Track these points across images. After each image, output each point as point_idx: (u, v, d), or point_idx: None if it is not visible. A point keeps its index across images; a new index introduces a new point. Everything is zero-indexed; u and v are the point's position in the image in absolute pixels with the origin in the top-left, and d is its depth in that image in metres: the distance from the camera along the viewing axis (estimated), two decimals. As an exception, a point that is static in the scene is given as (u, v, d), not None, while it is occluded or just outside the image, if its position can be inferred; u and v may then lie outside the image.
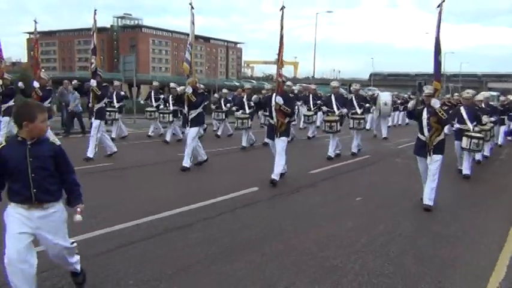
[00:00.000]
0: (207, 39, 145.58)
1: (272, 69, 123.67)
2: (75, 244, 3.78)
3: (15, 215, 3.38)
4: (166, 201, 7.08)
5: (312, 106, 16.21)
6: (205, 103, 10.52)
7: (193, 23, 9.80)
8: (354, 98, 13.28)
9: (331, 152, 12.11)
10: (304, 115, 16.49)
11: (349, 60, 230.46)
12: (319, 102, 15.66)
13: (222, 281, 4.32)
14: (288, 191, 8.26)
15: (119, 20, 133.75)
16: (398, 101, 24.76)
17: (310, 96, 16.46)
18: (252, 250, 5.12)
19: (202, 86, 17.54)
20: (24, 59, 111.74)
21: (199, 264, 4.68)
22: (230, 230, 5.81)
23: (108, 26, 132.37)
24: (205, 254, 4.95)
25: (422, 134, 7.24)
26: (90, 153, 10.92)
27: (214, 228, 5.89)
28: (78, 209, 3.56)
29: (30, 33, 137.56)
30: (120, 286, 4.14)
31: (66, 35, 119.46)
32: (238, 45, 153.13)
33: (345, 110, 12.31)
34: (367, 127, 17.77)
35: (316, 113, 16.37)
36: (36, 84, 12.03)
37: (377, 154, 13.57)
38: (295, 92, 16.18)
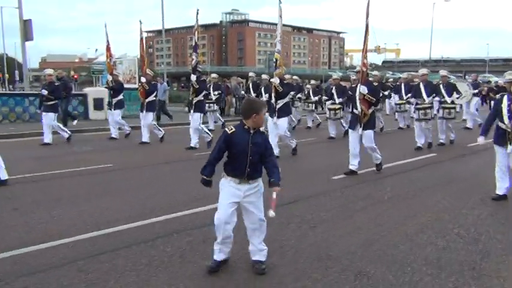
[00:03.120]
0: (310, 30, 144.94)
1: (371, 58, 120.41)
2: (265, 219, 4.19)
3: (228, 186, 4.06)
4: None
5: (404, 95, 15.55)
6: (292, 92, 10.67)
7: (280, 16, 9.97)
8: (441, 86, 12.49)
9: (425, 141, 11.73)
10: (396, 104, 15.91)
11: (458, 45, 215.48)
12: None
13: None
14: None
15: (227, 15, 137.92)
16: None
17: (402, 85, 15.81)
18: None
19: (295, 77, 17.88)
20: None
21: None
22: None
23: (217, 22, 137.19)
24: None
25: (503, 122, 6.78)
26: (192, 143, 11.63)
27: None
28: (274, 194, 4.00)
29: (147, 31, 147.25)
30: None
31: (179, 32, 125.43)
32: (341, 35, 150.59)
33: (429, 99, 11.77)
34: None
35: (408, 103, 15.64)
36: (143, 79, 13.07)
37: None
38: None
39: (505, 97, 6.81)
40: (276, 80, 9.91)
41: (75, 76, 52.78)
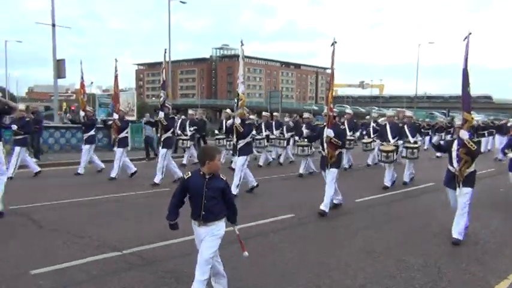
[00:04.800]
0: (297, 66, 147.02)
1: (356, 92, 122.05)
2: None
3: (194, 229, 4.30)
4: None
5: (371, 133, 15.63)
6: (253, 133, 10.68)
7: (242, 58, 10.08)
8: (405, 127, 12.57)
9: (387, 182, 11.70)
10: (363, 142, 15.92)
11: (441, 81, 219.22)
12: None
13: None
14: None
15: (217, 50, 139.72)
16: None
17: (371, 123, 15.90)
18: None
19: (251, 116, 17.90)
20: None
21: None
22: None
23: (207, 56, 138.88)
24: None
25: (452, 165, 6.82)
26: (157, 180, 11.49)
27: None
28: (236, 230, 4.41)
29: (138, 64, 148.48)
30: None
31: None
32: (328, 71, 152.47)
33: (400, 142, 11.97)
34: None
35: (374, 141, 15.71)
36: (115, 116, 13.05)
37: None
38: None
39: (455, 142, 6.87)
40: (237, 120, 9.93)
41: (73, 107, 53.00)
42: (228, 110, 17.89)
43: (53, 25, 22.33)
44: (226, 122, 16.51)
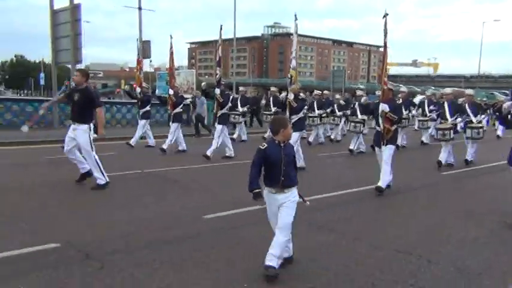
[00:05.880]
0: (350, 44, 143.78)
1: (408, 70, 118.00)
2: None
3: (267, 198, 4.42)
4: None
5: (427, 112, 15.03)
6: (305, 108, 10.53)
7: (296, 32, 9.88)
8: (467, 106, 11.96)
9: (441, 158, 11.23)
10: (419, 120, 15.34)
11: (497, 59, 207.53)
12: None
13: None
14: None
15: (270, 28, 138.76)
16: None
17: (426, 101, 15.28)
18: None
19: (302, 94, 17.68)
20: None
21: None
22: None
23: (259, 34, 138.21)
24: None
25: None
26: (209, 152, 11.53)
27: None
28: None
29: (190, 43, 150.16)
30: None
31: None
32: (381, 49, 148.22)
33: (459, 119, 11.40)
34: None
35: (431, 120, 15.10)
36: (170, 91, 13.23)
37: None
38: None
39: None
40: (290, 96, 9.81)
41: (134, 85, 54.32)
42: (274, 88, 17.95)
43: (139, 8, 25.06)
44: (272, 99, 16.66)
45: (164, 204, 7.06)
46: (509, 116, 6.62)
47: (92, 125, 8.00)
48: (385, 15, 7.94)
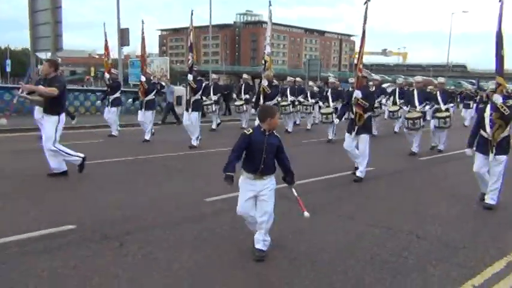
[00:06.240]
0: (321, 33, 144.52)
1: (378, 59, 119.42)
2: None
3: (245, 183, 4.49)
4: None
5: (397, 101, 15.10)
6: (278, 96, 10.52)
7: (270, 18, 9.83)
8: (438, 93, 12.16)
9: (414, 148, 11.49)
10: (389, 111, 15.40)
11: (468, 50, 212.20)
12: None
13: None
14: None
15: (241, 16, 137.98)
16: None
17: (397, 89, 15.44)
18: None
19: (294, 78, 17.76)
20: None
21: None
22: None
23: (231, 22, 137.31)
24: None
25: (485, 131, 6.58)
26: (194, 142, 11.41)
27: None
28: (294, 191, 4.53)
29: (161, 30, 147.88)
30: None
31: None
32: (352, 38, 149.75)
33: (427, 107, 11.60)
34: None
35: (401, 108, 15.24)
36: (142, 78, 12.98)
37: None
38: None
39: (488, 107, 6.64)
40: (264, 82, 9.78)
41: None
42: (245, 75, 17.91)
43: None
44: (243, 87, 16.64)
45: (164, 188, 7.26)
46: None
47: (63, 115, 7.75)
48: (366, 2, 7.93)
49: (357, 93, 8.14)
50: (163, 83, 17.21)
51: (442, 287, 4.06)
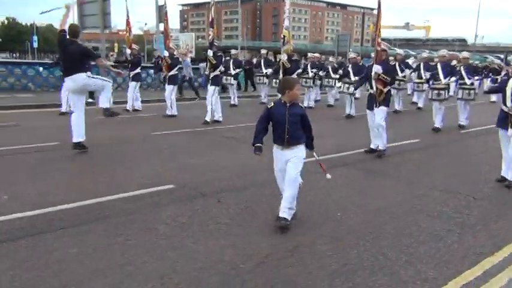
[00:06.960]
0: (344, 7, 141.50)
1: (400, 34, 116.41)
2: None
3: (275, 153, 4.72)
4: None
5: (422, 75, 14.74)
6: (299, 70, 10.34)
7: (290, -8, 9.59)
8: (462, 68, 11.83)
9: (438, 124, 11.23)
10: (414, 82, 15.08)
11: (493, 24, 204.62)
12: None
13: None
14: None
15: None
16: None
17: (421, 64, 15.05)
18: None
19: (316, 54, 17.46)
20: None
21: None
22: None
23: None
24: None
25: (505, 105, 6.36)
26: (207, 118, 11.33)
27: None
28: (315, 155, 4.87)
29: (182, 5, 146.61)
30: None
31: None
32: (374, 11, 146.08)
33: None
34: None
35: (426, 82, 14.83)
36: (166, 53, 12.86)
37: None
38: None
39: (511, 80, 6.39)
40: (283, 57, 9.62)
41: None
42: (263, 51, 17.66)
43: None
44: (262, 62, 16.47)
45: (227, 156, 7.77)
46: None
47: None
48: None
49: (377, 68, 7.92)
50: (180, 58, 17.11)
51: (508, 237, 4.52)
